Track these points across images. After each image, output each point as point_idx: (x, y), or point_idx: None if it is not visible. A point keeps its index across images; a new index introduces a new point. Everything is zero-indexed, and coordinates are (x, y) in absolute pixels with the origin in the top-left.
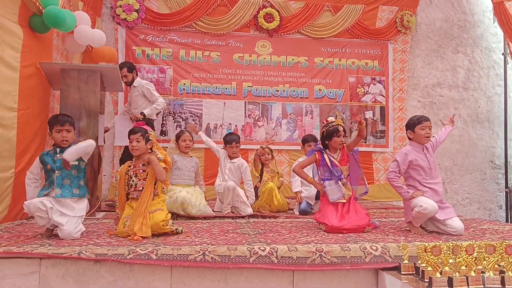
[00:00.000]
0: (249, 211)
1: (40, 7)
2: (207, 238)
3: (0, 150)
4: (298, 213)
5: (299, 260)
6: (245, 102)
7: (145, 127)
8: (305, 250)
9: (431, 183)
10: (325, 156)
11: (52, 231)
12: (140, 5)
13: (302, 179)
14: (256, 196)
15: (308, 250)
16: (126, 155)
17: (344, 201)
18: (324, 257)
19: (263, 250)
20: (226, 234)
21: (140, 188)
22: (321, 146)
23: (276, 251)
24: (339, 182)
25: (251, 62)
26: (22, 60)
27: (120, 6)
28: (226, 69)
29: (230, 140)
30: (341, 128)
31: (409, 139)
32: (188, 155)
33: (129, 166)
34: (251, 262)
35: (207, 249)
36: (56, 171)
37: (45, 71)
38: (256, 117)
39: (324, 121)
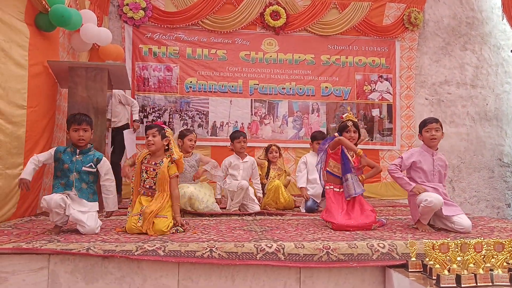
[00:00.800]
0: (257, 208)
1: (46, 6)
2: (214, 235)
3: (10, 147)
4: (304, 211)
5: (306, 257)
6: (252, 100)
7: (163, 125)
8: (312, 247)
9: (431, 185)
10: (344, 150)
11: (61, 228)
12: (146, 4)
13: (307, 177)
14: (263, 194)
15: (315, 247)
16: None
17: (349, 198)
18: (331, 254)
19: (270, 247)
20: (233, 231)
21: (147, 186)
22: None
23: (283, 248)
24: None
25: (258, 60)
26: (30, 58)
27: (127, 4)
28: (232, 67)
29: (238, 135)
30: (350, 123)
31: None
32: (189, 154)
33: (144, 158)
34: (258, 259)
35: (214, 246)
36: (74, 173)
37: (53, 69)
38: (263, 115)
39: (341, 117)
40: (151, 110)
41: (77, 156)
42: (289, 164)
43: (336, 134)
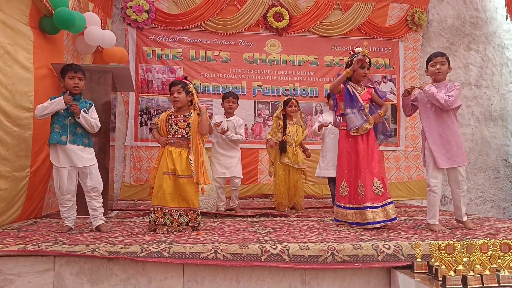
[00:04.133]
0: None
1: (51, 9)
2: (219, 236)
3: (17, 149)
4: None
5: (311, 259)
6: (255, 101)
7: (186, 81)
8: (317, 249)
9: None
10: (348, 87)
11: (71, 228)
12: (150, 6)
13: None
14: (284, 149)
15: (320, 249)
16: None
17: (362, 132)
18: (336, 255)
19: (275, 249)
20: (237, 232)
21: (179, 136)
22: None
23: (288, 250)
24: (362, 111)
25: (261, 62)
26: (35, 61)
27: (131, 7)
28: (235, 69)
29: (228, 95)
30: (367, 59)
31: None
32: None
33: (170, 115)
34: (262, 260)
35: (219, 247)
36: (69, 117)
37: (57, 71)
38: (266, 117)
39: (351, 51)
40: (155, 112)
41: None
42: None
43: (347, 70)
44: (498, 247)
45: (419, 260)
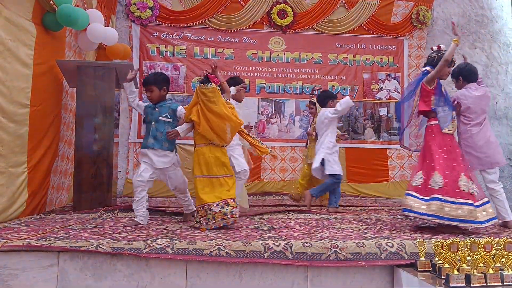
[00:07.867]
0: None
1: (54, 5)
2: (222, 233)
3: (12, 146)
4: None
5: (314, 256)
6: (258, 99)
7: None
8: (320, 246)
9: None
10: (441, 83)
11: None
12: (154, 3)
13: None
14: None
15: (323, 246)
16: None
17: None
18: (339, 253)
19: (278, 246)
20: (240, 229)
21: None
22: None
23: (291, 247)
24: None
25: (265, 59)
26: (35, 58)
27: (135, 3)
28: (239, 66)
29: (240, 80)
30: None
31: None
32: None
33: None
34: (265, 257)
35: (222, 244)
36: (153, 123)
37: (61, 68)
38: (269, 114)
39: (437, 47)
40: None
41: (156, 109)
42: (296, 163)
43: (428, 68)
44: (502, 246)
45: (422, 258)
